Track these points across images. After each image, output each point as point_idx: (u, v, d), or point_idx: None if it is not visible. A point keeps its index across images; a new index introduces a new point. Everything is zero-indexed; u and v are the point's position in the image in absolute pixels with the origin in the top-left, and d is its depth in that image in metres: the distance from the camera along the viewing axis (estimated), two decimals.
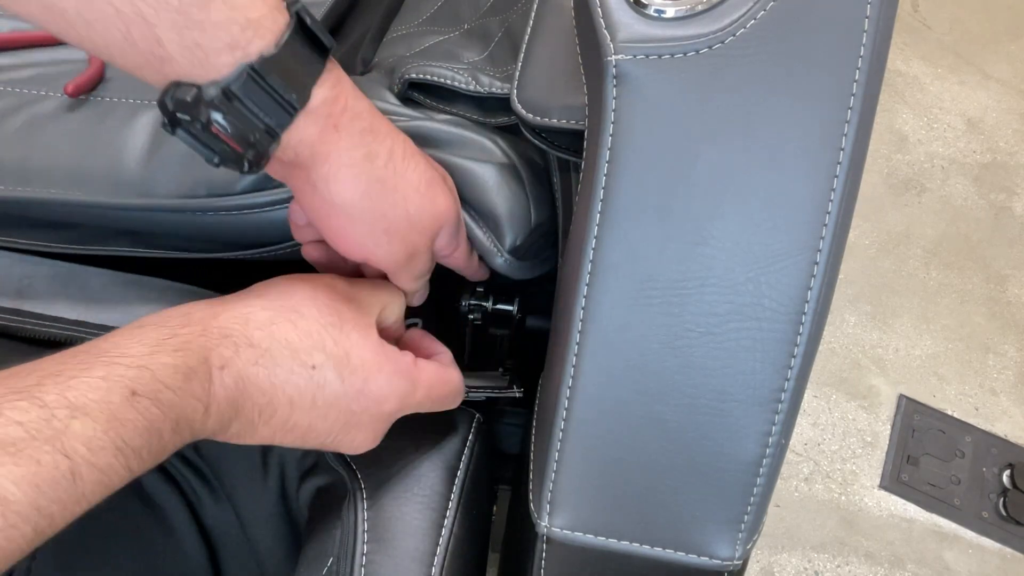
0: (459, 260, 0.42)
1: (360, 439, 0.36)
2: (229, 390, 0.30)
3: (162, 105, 0.29)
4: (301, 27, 0.30)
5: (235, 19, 0.27)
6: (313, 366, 0.32)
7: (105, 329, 0.44)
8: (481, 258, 0.43)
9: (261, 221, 0.42)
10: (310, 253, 0.40)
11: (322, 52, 0.31)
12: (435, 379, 0.38)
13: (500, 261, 0.41)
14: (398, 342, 0.40)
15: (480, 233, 0.41)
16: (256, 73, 0.28)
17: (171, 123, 0.29)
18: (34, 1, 0.27)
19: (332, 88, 0.31)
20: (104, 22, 0.27)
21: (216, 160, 0.30)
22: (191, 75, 0.28)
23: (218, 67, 0.28)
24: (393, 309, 0.39)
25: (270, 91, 0.29)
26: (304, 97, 0.30)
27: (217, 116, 0.29)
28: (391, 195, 0.34)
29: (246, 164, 0.30)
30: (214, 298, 0.33)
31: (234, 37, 0.28)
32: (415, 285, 0.40)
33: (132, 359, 0.27)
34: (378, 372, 0.35)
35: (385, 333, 0.38)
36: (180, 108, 0.28)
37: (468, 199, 0.41)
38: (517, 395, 0.45)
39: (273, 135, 0.30)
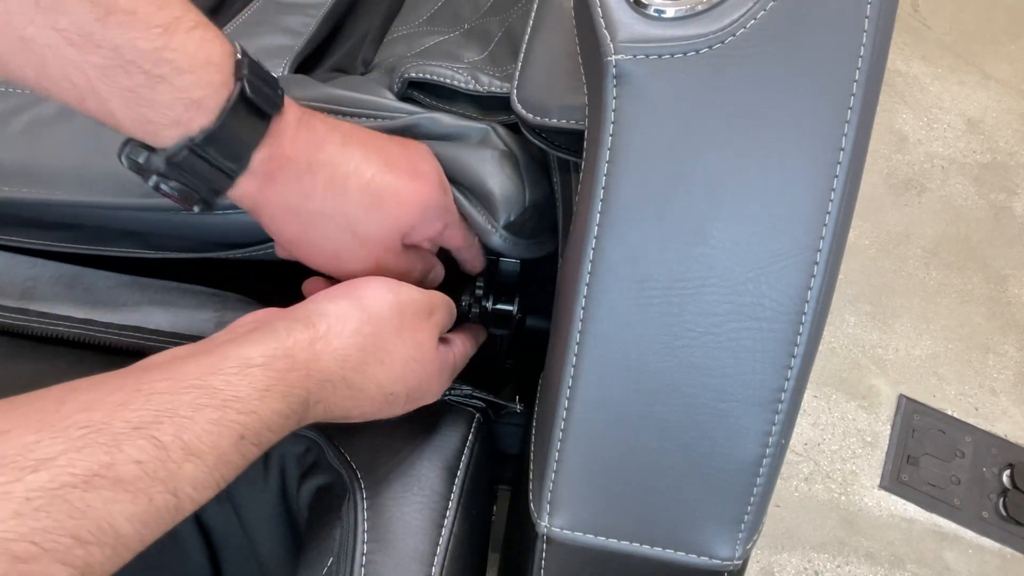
0: (455, 240, 0.42)
1: (396, 414, 0.39)
2: (318, 417, 0.33)
3: (119, 158, 0.32)
4: (243, 99, 0.31)
5: (179, 99, 0.29)
6: (391, 393, 0.36)
7: (113, 328, 0.44)
8: (480, 240, 0.44)
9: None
10: (281, 253, 0.42)
11: (264, 117, 0.33)
12: (462, 360, 0.42)
13: (496, 239, 0.42)
14: None
15: (476, 213, 0.42)
16: (197, 146, 0.31)
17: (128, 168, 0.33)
18: (2, 68, 0.29)
19: (271, 146, 0.33)
20: (62, 92, 0.29)
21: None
22: (143, 139, 0.31)
23: (164, 139, 0.30)
24: (447, 313, 0.41)
25: (211, 160, 0.31)
26: (243, 164, 0.33)
27: (163, 184, 0.32)
28: (331, 222, 0.36)
29: (195, 209, 0.33)
30: (309, 326, 0.34)
31: (178, 115, 0.30)
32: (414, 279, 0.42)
33: (243, 403, 0.29)
34: (437, 382, 0.39)
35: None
36: (133, 168, 0.32)
37: (464, 182, 0.41)
38: (517, 409, 0.46)
39: (218, 192, 0.33)
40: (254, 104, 0.32)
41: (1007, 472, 1.08)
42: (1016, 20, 1.61)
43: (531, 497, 0.36)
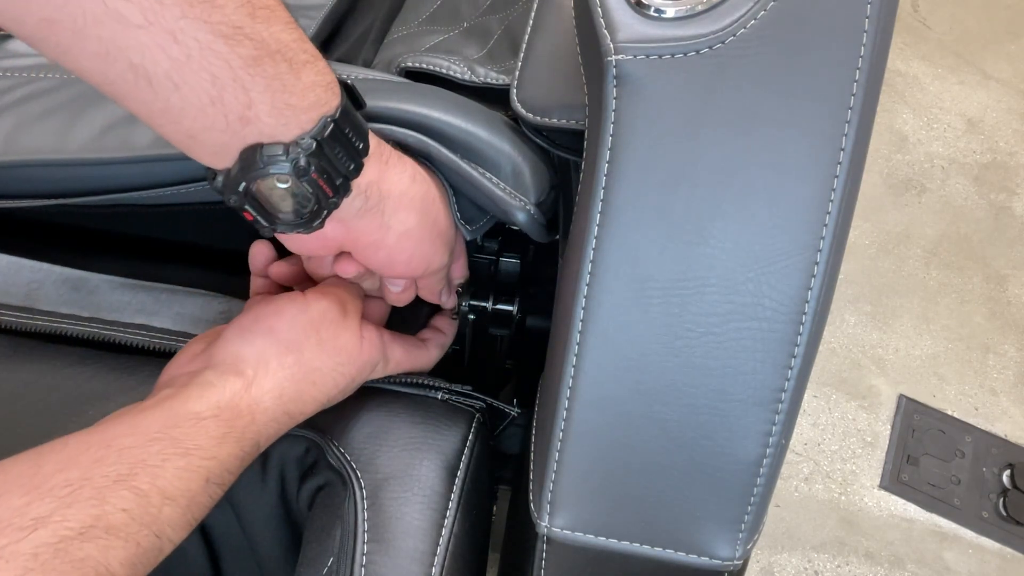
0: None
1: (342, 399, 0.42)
2: (268, 445, 0.37)
3: (240, 171, 0.31)
4: (346, 86, 0.33)
5: (318, 82, 0.31)
6: (329, 399, 0.40)
7: (118, 326, 0.44)
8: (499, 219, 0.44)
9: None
10: (345, 270, 0.41)
11: (360, 106, 0.35)
12: (381, 319, 0.46)
13: (522, 216, 0.40)
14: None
15: (500, 193, 0.40)
16: (336, 121, 0.31)
17: (243, 192, 0.31)
18: (120, 61, 0.27)
19: (371, 132, 0.35)
20: (195, 85, 0.28)
21: (275, 226, 0.33)
22: (272, 135, 0.30)
23: (303, 123, 0.31)
24: (357, 297, 0.43)
25: (346, 139, 0.32)
26: (367, 144, 0.34)
27: (313, 164, 0.31)
28: (433, 203, 0.39)
29: (325, 213, 0.33)
30: (238, 373, 0.37)
31: (318, 96, 0.31)
32: (440, 284, 0.44)
33: (204, 451, 0.33)
34: (365, 367, 0.42)
35: (369, 317, 0.45)
36: (271, 162, 0.30)
37: (490, 164, 0.41)
38: (513, 413, 0.45)
39: (349, 179, 0.33)
40: (353, 91, 0.34)
41: (1007, 472, 1.08)
42: (1016, 20, 1.61)
43: (531, 497, 0.36)
